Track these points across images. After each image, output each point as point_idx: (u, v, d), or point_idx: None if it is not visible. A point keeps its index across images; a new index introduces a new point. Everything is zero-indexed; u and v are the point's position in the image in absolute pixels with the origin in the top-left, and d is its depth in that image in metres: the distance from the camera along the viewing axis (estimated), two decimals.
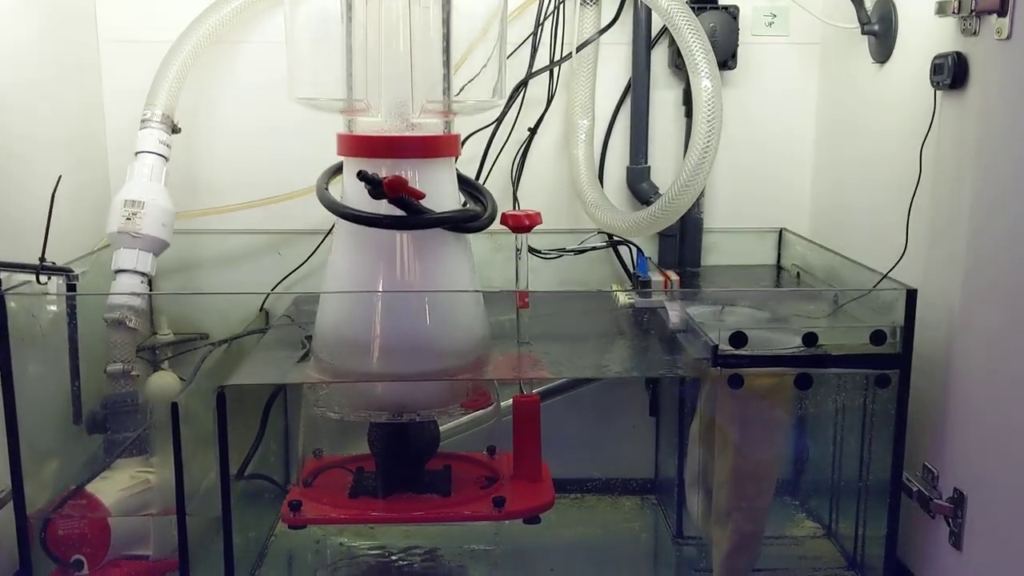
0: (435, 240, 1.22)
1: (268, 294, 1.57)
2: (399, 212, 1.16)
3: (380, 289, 1.21)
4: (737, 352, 1.17)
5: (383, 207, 1.16)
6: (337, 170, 1.30)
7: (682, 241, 1.60)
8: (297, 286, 1.61)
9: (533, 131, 1.59)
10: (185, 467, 1.19)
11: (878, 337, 1.17)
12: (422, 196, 1.16)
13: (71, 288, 1.24)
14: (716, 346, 1.17)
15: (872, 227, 1.39)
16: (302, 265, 1.59)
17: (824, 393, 1.29)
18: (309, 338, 1.30)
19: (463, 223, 1.23)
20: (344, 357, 1.22)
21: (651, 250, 1.62)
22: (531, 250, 1.42)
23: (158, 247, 1.38)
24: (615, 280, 1.61)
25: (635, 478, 1.57)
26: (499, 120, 1.55)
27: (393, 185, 1.14)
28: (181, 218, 1.49)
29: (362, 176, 1.14)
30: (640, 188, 1.59)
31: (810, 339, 1.18)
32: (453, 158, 1.26)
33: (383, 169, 1.17)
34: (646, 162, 1.59)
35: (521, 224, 1.28)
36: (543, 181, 1.62)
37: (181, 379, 1.30)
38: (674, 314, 1.42)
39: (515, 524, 1.37)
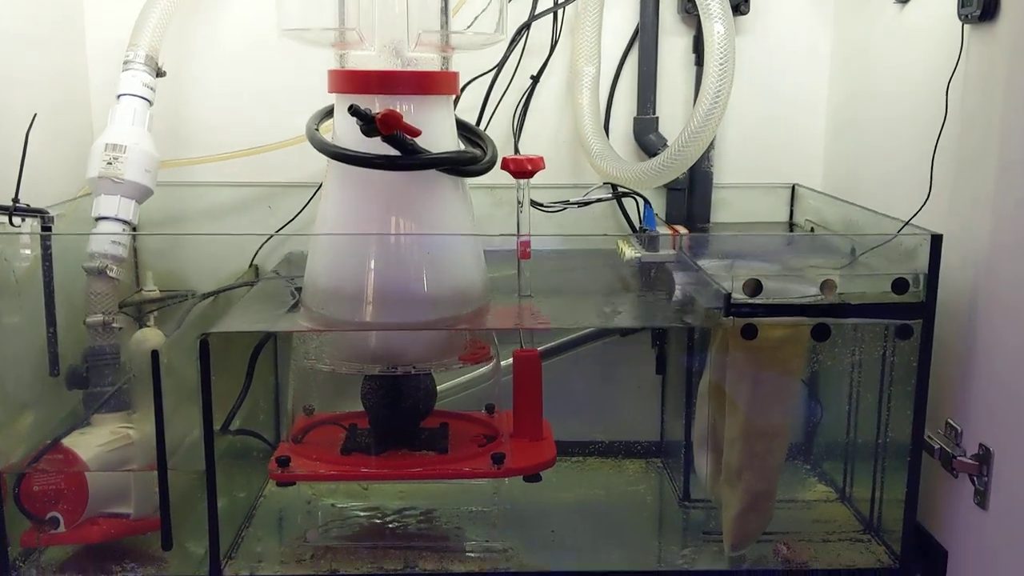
0: (431, 183, 1.15)
1: (263, 242, 1.49)
2: (393, 152, 1.10)
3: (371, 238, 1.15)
4: (751, 300, 1.11)
5: (376, 147, 1.09)
6: (328, 113, 1.23)
7: (691, 195, 1.54)
8: (288, 242, 1.54)
9: (536, 79, 1.52)
10: (168, 422, 1.14)
11: (900, 285, 1.11)
12: (417, 133, 1.09)
13: (46, 230, 1.17)
14: (729, 294, 1.11)
15: (892, 177, 1.33)
16: (294, 219, 1.52)
17: (841, 347, 1.24)
18: (299, 290, 1.24)
19: (461, 165, 1.16)
20: (335, 306, 1.15)
21: (659, 205, 1.55)
22: (533, 204, 1.35)
23: (141, 194, 1.31)
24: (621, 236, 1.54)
25: (639, 441, 1.51)
26: (499, 66, 1.48)
27: (387, 120, 1.07)
28: (166, 167, 1.43)
29: (353, 111, 1.07)
30: (647, 140, 1.52)
31: (827, 286, 1.11)
32: (451, 97, 1.19)
33: (376, 105, 1.10)
34: (654, 112, 1.53)
35: (523, 168, 1.22)
36: (546, 133, 1.56)
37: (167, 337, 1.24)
38: (679, 288, 1.36)
39: (514, 485, 1.32)
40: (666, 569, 1.21)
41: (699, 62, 1.50)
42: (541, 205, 1.45)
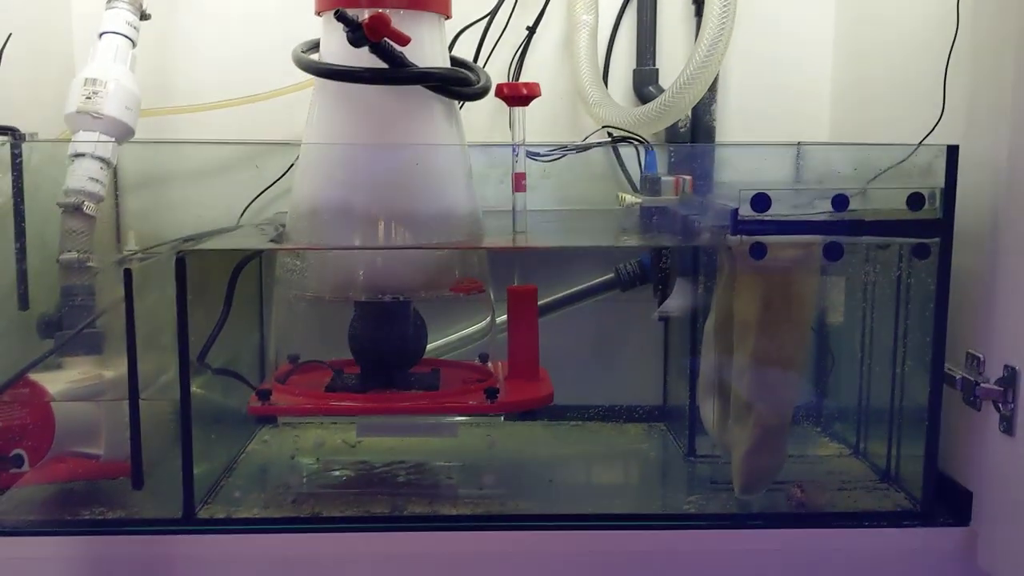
0: (421, 104, 1.10)
1: (250, 202, 1.43)
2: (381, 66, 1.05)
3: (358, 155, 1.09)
4: (760, 216, 1.05)
5: (363, 60, 1.05)
6: (316, 45, 1.18)
7: (693, 150, 1.48)
8: (277, 202, 1.49)
9: (532, 30, 1.47)
10: (142, 359, 1.07)
11: (915, 200, 1.05)
12: (407, 40, 1.05)
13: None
14: (736, 210, 1.05)
15: (902, 111, 1.28)
16: (282, 177, 1.47)
17: (852, 274, 1.17)
18: (283, 225, 1.18)
19: (452, 84, 1.11)
20: (319, 232, 1.10)
21: (660, 162, 1.49)
22: (529, 154, 1.30)
23: (121, 132, 1.26)
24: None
25: (641, 405, 1.43)
26: (492, 14, 1.44)
27: (375, 25, 1.02)
28: (148, 116, 1.38)
29: (340, 15, 1.02)
30: (647, 92, 1.47)
31: (840, 202, 1.05)
32: (442, 18, 1.14)
33: (365, 16, 1.05)
34: (654, 64, 1.48)
35: (518, 94, 1.17)
36: (543, 88, 1.50)
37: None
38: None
39: (511, 438, 1.25)
40: (672, 512, 1.12)
41: (699, 13, 1.46)
42: (537, 155, 1.40)
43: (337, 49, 1.09)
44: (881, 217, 1.06)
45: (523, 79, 1.49)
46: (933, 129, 1.11)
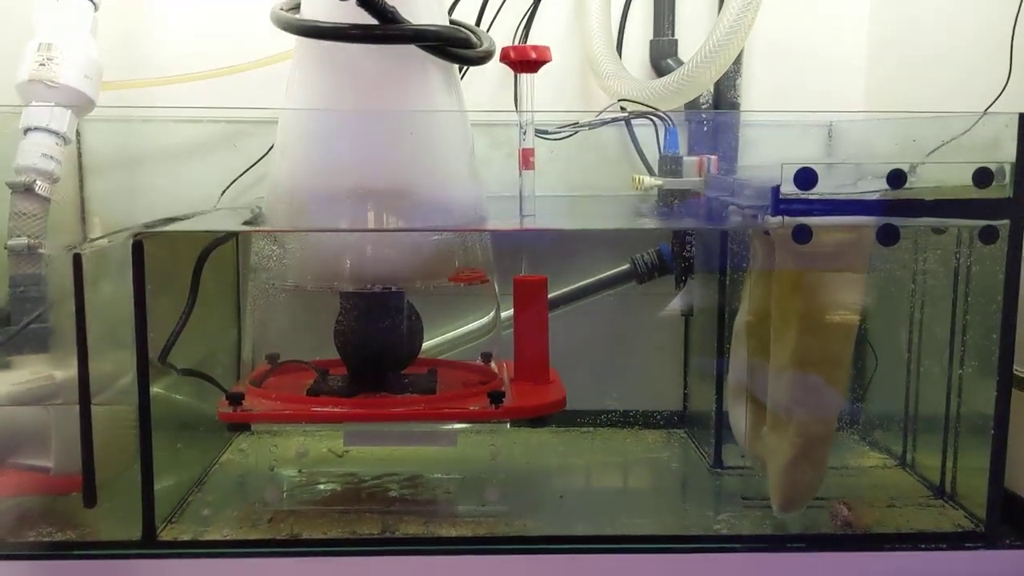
0: (415, 66, 0.97)
1: (227, 185, 1.29)
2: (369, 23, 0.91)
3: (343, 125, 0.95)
4: (804, 194, 0.91)
5: (349, 15, 0.91)
6: (296, 6, 1.05)
7: (716, 129, 1.34)
8: (256, 187, 1.35)
9: None
10: (98, 358, 0.93)
11: (983, 176, 0.91)
12: None
13: None
14: (777, 187, 0.91)
15: (953, 82, 1.14)
16: (262, 158, 1.33)
17: (903, 260, 1.04)
18: (259, 207, 1.04)
19: (452, 45, 0.97)
20: (299, 211, 0.96)
21: (680, 142, 1.36)
22: (538, 132, 1.16)
23: (79, 103, 1.13)
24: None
25: (660, 410, 1.30)
26: None
27: None
28: (115, 88, 1.24)
29: None
30: (665, 65, 1.34)
31: (897, 178, 0.91)
32: None
33: None
34: (672, 34, 1.34)
35: (526, 58, 1.04)
36: (551, 62, 1.37)
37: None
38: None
39: (515, 447, 1.11)
40: (700, 534, 0.98)
41: None
42: (546, 133, 1.26)
43: (321, 6, 0.96)
44: (943, 196, 0.92)
45: None
46: (999, 96, 0.97)
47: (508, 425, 1.00)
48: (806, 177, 0.91)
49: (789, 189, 0.92)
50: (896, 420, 1.17)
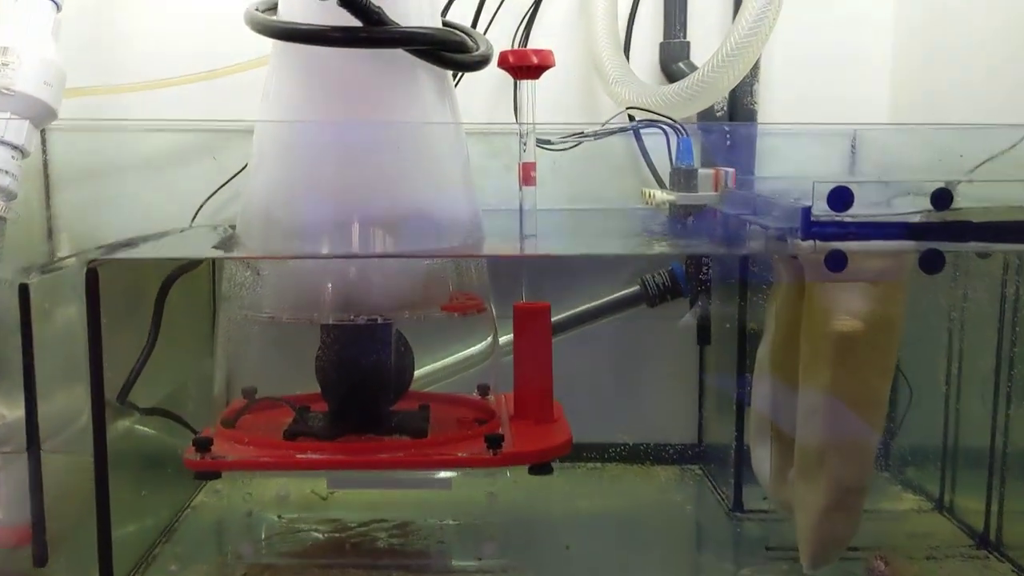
0: (404, 73, 0.87)
1: (206, 199, 1.19)
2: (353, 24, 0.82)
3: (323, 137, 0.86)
4: (839, 217, 0.81)
5: (330, 18, 0.81)
6: (274, 7, 0.95)
7: (732, 139, 1.25)
8: (238, 200, 1.25)
9: None
10: (53, 396, 0.84)
11: None
12: None
13: None
14: (808, 208, 0.81)
15: (995, 90, 1.04)
16: (242, 171, 1.23)
17: (940, 285, 0.94)
18: (233, 227, 0.95)
19: (445, 49, 0.87)
20: (274, 234, 0.86)
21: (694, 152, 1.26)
22: (539, 142, 1.07)
23: (38, 113, 1.02)
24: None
25: (671, 443, 1.20)
26: None
27: None
28: (83, 95, 1.15)
29: None
30: (676, 69, 1.24)
31: (942, 198, 0.81)
32: None
33: None
34: (684, 36, 1.25)
35: (527, 63, 0.94)
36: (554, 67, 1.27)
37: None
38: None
39: (516, 493, 1.01)
40: None
41: None
42: (548, 143, 1.17)
43: (300, 5, 0.86)
44: (994, 218, 0.82)
45: None
46: None
47: (508, 473, 0.90)
48: (841, 197, 0.81)
49: (821, 209, 0.82)
50: (931, 457, 1.08)
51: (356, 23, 0.82)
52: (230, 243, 0.92)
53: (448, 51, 0.88)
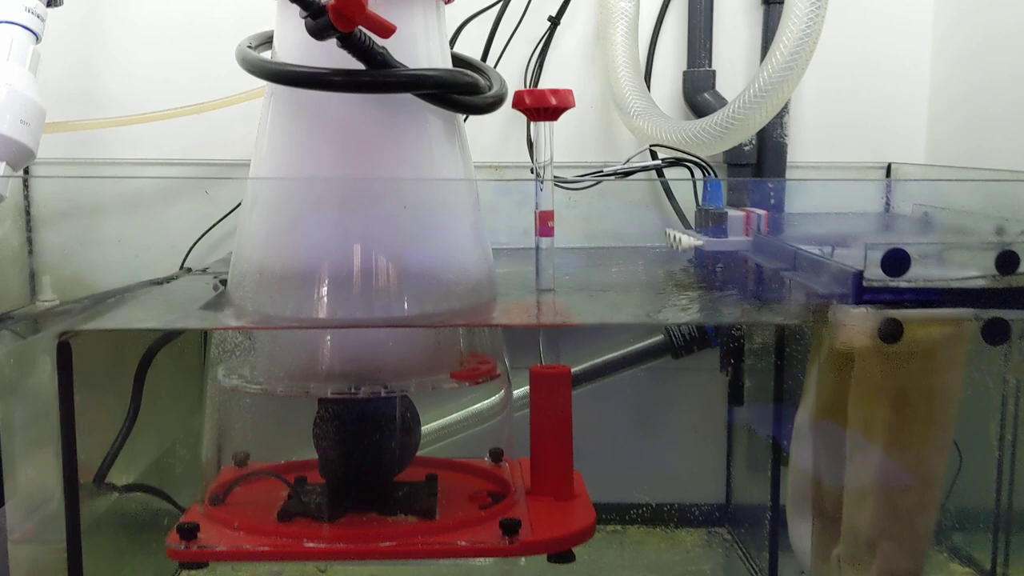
0: (411, 118, 0.79)
1: (198, 238, 1.12)
2: (356, 66, 0.73)
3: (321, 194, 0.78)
4: (894, 283, 0.73)
5: (331, 59, 0.73)
6: (270, 39, 0.87)
7: (759, 174, 1.17)
8: (231, 238, 1.17)
9: (555, 21, 1.16)
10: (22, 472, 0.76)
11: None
12: (391, 30, 0.73)
13: None
14: (861, 272, 0.73)
15: None
16: (237, 207, 1.15)
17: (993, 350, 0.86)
18: (223, 282, 0.87)
19: (455, 91, 0.79)
20: (268, 297, 0.78)
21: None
22: (557, 180, 0.99)
23: (15, 154, 0.95)
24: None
25: (698, 503, 1.12)
26: (505, 0, 1.12)
27: (344, 8, 0.70)
28: (67, 130, 1.08)
29: None
30: (701, 100, 1.16)
31: (1009, 262, 0.73)
32: (440, 1, 0.83)
33: None
34: (710, 65, 1.16)
35: (545, 105, 0.85)
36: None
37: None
38: None
39: (530, 559, 0.93)
40: None
41: (768, 0, 1.15)
42: (566, 182, 1.09)
43: (296, 43, 0.78)
44: None
45: (544, 83, 1.18)
46: None
47: (523, 561, 0.81)
48: (896, 261, 0.73)
49: (874, 273, 0.73)
50: (981, 525, 0.99)
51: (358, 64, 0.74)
52: (220, 301, 0.84)
53: (459, 93, 0.80)
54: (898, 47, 1.20)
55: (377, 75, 0.75)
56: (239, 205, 1.06)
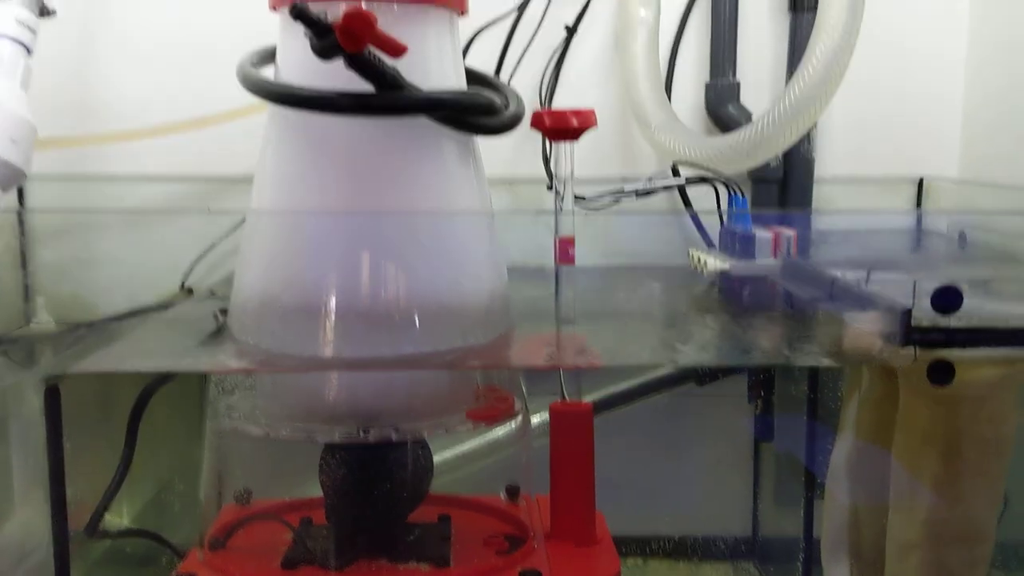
0: (423, 142, 0.74)
1: (199, 256, 1.08)
2: (365, 88, 0.68)
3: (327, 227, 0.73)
4: (944, 324, 0.68)
5: (338, 81, 0.68)
6: (273, 54, 0.82)
7: (785, 189, 1.12)
8: (235, 256, 1.12)
9: (572, 31, 1.11)
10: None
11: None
12: (402, 51, 0.68)
13: None
14: (909, 311, 0.68)
15: None
16: (240, 225, 1.10)
17: None
18: (224, 311, 0.82)
19: (470, 113, 0.74)
20: (271, 333, 0.73)
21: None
22: (576, 197, 0.93)
23: (4, 176, 0.90)
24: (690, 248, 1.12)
25: (723, 536, 1.07)
26: (520, 9, 1.07)
27: (353, 28, 0.65)
28: (62, 146, 1.03)
29: (297, 13, 0.66)
30: (725, 113, 1.11)
31: None
32: (455, 14, 0.78)
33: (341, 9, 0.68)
34: (734, 77, 1.11)
35: (565, 125, 0.80)
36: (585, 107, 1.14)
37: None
38: None
39: None
40: None
41: (795, 7, 1.09)
42: (583, 199, 1.04)
43: (300, 61, 0.73)
44: None
45: (560, 94, 1.13)
46: None
47: None
48: (949, 298, 0.67)
49: (923, 311, 0.68)
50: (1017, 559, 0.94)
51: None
52: (220, 336, 0.79)
53: (474, 115, 0.75)
54: (933, 62, 1.14)
55: (388, 97, 0.69)
56: (243, 221, 1.02)
